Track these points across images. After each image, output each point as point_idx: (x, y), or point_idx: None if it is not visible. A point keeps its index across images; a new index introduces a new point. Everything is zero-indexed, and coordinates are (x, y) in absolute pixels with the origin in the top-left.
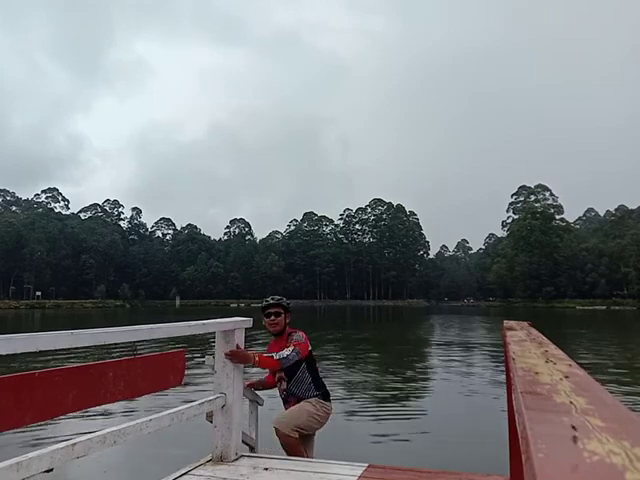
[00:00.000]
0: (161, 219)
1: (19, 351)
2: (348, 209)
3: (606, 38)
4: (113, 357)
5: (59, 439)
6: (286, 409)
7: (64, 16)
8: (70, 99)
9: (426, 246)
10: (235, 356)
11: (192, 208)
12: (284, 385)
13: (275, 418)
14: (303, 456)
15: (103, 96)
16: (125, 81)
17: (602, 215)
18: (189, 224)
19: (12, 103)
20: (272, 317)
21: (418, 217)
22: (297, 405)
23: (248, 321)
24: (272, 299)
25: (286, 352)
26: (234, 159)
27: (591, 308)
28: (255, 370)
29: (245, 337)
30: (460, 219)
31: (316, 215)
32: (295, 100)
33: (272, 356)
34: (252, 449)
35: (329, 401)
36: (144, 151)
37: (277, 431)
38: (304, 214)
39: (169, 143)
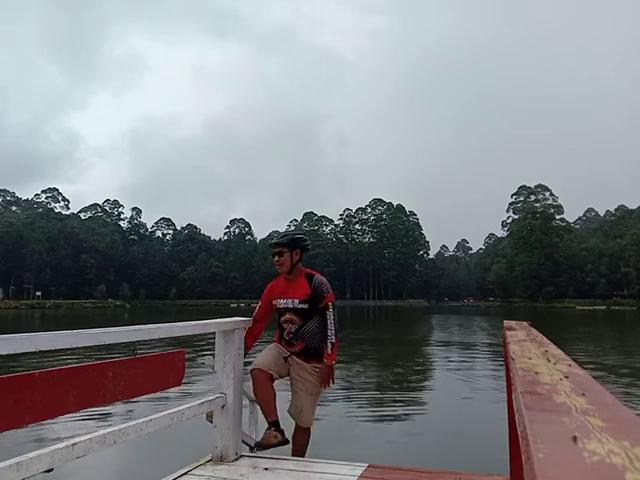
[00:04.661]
0: (161, 219)
1: (19, 351)
2: (348, 209)
3: (606, 38)
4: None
5: (59, 439)
6: (288, 350)
7: (58, 12)
8: (64, 96)
9: (426, 246)
10: (329, 378)
11: (192, 208)
12: (292, 328)
13: (300, 417)
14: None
15: (98, 93)
16: (120, 78)
17: (602, 215)
18: (189, 224)
19: (6, 100)
20: (276, 258)
21: (418, 217)
22: (304, 391)
23: (248, 321)
24: (276, 237)
25: (332, 319)
26: (233, 158)
27: (591, 308)
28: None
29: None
30: (460, 219)
31: (316, 215)
32: (294, 98)
33: (332, 341)
34: (252, 449)
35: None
36: (142, 149)
37: (306, 430)
38: (304, 214)
39: (167, 140)
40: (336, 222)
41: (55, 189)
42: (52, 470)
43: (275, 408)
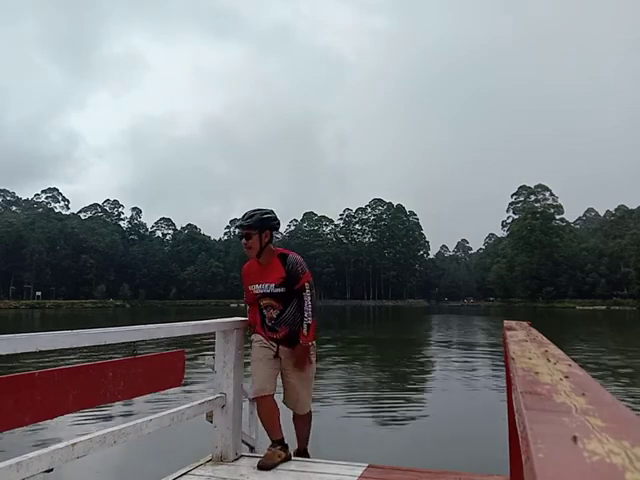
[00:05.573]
0: (161, 219)
1: (19, 351)
2: (348, 209)
3: (606, 38)
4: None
5: (59, 439)
6: (271, 337)
7: (58, 12)
8: (64, 96)
9: (426, 246)
10: (305, 360)
11: (192, 208)
12: (273, 313)
13: (297, 406)
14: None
15: (98, 92)
16: (120, 77)
17: (602, 215)
18: (189, 224)
19: (6, 100)
20: (243, 240)
21: (418, 217)
22: (295, 379)
23: (248, 320)
24: (242, 217)
25: (308, 300)
26: (233, 158)
27: (591, 308)
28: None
29: (244, 337)
30: (460, 219)
31: (316, 215)
32: (294, 98)
33: (309, 322)
34: (252, 449)
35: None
36: (141, 148)
37: (304, 416)
38: (304, 214)
39: (166, 140)
40: (336, 222)
41: (55, 189)
42: (52, 470)
43: (280, 426)
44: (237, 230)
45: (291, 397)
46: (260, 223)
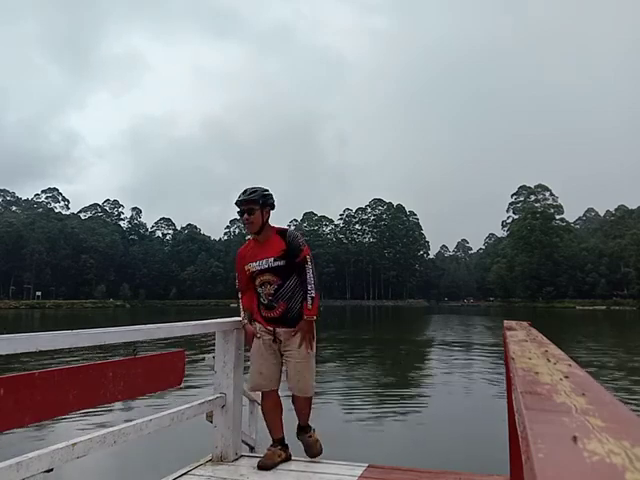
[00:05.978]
0: (161, 219)
1: (19, 351)
2: (348, 209)
3: (606, 38)
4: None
5: (59, 439)
6: (268, 317)
7: (58, 12)
8: (64, 96)
9: (426, 246)
10: (310, 335)
11: (192, 208)
12: (270, 289)
13: (298, 388)
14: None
15: (98, 92)
16: (120, 77)
17: (602, 215)
18: (189, 224)
19: (6, 100)
20: (245, 215)
21: (418, 217)
22: (295, 358)
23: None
24: (244, 193)
25: (310, 274)
26: (233, 158)
27: (591, 308)
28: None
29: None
30: (460, 219)
31: (316, 215)
32: (294, 98)
33: (312, 295)
34: (252, 449)
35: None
36: (141, 148)
37: (306, 400)
38: (304, 214)
39: (166, 140)
40: (336, 222)
41: (55, 189)
42: (52, 470)
43: (281, 425)
44: (238, 206)
45: (292, 378)
46: (262, 199)
